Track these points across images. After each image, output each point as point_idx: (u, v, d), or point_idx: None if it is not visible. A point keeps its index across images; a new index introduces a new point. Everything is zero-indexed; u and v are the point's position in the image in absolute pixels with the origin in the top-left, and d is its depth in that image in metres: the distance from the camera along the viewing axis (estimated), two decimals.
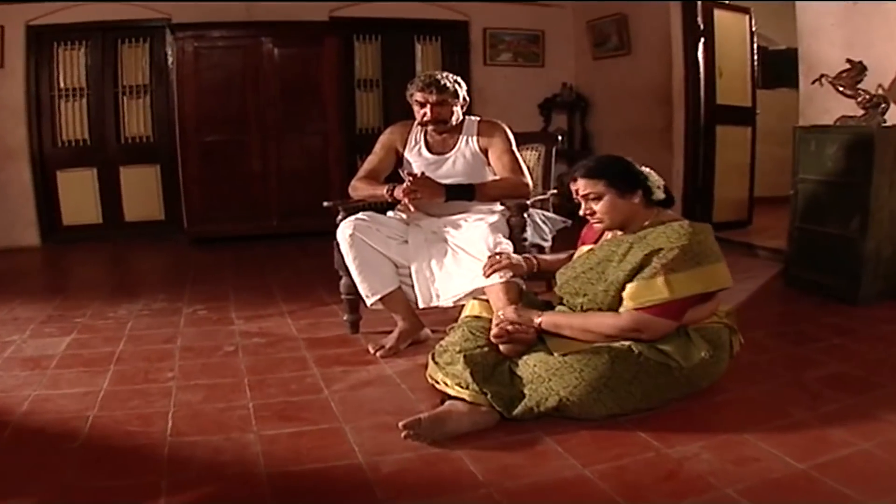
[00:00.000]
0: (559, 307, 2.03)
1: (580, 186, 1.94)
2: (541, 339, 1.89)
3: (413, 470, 1.58)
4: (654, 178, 1.95)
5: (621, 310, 1.82)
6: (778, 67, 6.33)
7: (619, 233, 1.96)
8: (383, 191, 2.50)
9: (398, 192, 2.40)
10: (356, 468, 1.59)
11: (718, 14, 4.83)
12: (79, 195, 5.43)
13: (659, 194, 1.94)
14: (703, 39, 4.81)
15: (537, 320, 1.88)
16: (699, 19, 4.79)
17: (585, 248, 2.07)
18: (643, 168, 1.96)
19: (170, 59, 5.29)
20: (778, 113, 6.05)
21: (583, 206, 1.96)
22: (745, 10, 4.99)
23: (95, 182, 5.48)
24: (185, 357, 2.45)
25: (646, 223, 1.91)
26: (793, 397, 1.95)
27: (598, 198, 1.91)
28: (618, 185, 1.89)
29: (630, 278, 1.82)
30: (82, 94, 5.37)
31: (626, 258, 1.85)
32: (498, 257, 2.13)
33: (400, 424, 1.65)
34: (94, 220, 5.48)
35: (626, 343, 1.78)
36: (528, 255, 2.22)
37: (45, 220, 5.32)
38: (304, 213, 5.02)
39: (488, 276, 2.12)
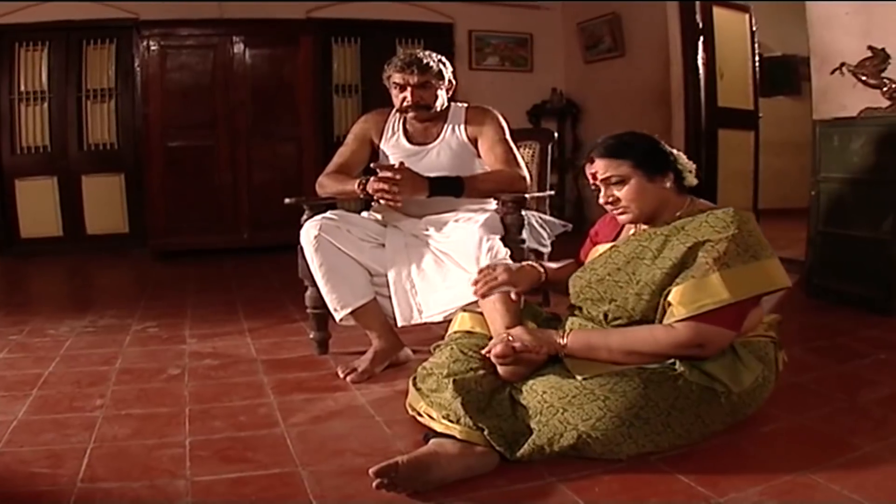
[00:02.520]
0: (572, 319, 1.66)
1: (599, 168, 1.58)
2: (551, 360, 1.52)
3: None
4: (683, 160, 1.62)
5: (667, 318, 1.45)
6: (775, 74, 6.12)
7: (644, 226, 1.61)
8: (354, 186, 2.14)
9: (371, 187, 2.04)
10: None
11: (718, 12, 4.59)
12: (38, 206, 5.07)
13: (691, 179, 1.60)
14: (702, 38, 4.56)
15: (562, 341, 1.50)
16: (698, 17, 4.54)
17: (603, 246, 1.71)
18: (671, 149, 1.63)
19: (136, 61, 4.94)
20: (775, 122, 5.83)
21: (602, 192, 1.60)
22: (745, 9, 4.75)
23: (56, 192, 5.12)
24: (122, 381, 2.07)
25: (678, 213, 1.57)
26: (854, 425, 1.61)
27: (622, 182, 1.56)
28: (646, 165, 1.55)
29: (671, 278, 1.46)
30: (44, 97, 5.02)
31: (661, 254, 1.50)
32: (491, 272, 1.73)
33: (371, 471, 1.27)
34: (53, 233, 5.11)
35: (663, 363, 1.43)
36: (531, 263, 1.82)
37: (2, 233, 4.95)
38: (278, 224, 4.59)
39: (482, 295, 1.72)
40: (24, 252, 4.95)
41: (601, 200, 1.61)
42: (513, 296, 1.70)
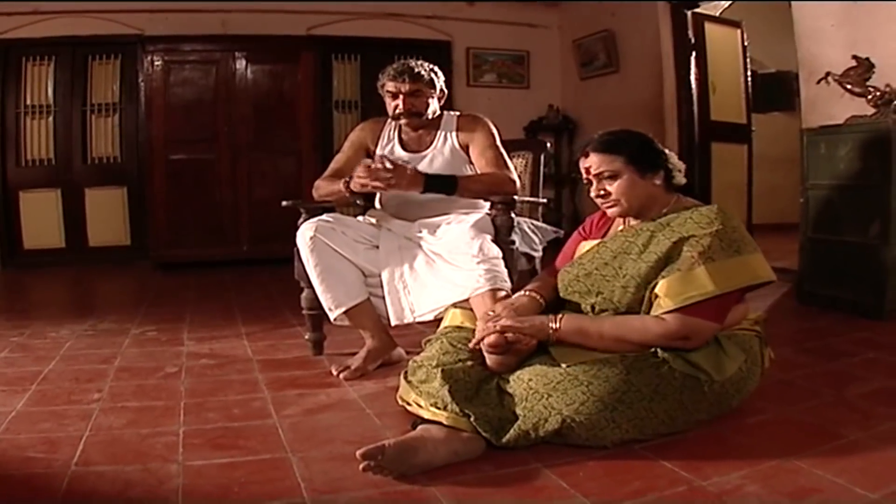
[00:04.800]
0: (561, 310, 1.69)
1: (593, 163, 1.62)
2: (540, 349, 1.55)
3: None
4: (674, 159, 1.67)
5: (655, 310, 1.49)
6: (769, 90, 6.21)
7: (633, 221, 1.66)
8: (341, 185, 2.18)
9: (355, 183, 2.08)
10: None
11: (709, 28, 4.67)
12: (42, 217, 5.14)
13: (680, 178, 1.66)
14: (694, 53, 4.64)
15: (554, 325, 1.53)
16: (690, 33, 4.62)
17: (590, 242, 1.75)
18: (663, 149, 1.68)
19: (140, 76, 5.03)
20: (770, 137, 5.90)
21: (594, 186, 1.64)
22: (737, 25, 4.84)
23: (59, 204, 5.19)
24: (119, 378, 2.10)
25: (665, 210, 1.61)
26: (840, 416, 1.63)
27: (614, 176, 1.60)
28: (638, 162, 1.60)
29: (656, 272, 1.51)
30: (49, 111, 5.13)
31: (648, 248, 1.54)
32: (496, 318, 1.58)
33: (358, 453, 1.29)
34: (56, 245, 5.18)
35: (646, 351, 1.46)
36: (529, 294, 1.72)
37: (5, 244, 5.01)
38: (277, 237, 4.61)
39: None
40: (27, 263, 5.00)
41: (592, 194, 1.65)
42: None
